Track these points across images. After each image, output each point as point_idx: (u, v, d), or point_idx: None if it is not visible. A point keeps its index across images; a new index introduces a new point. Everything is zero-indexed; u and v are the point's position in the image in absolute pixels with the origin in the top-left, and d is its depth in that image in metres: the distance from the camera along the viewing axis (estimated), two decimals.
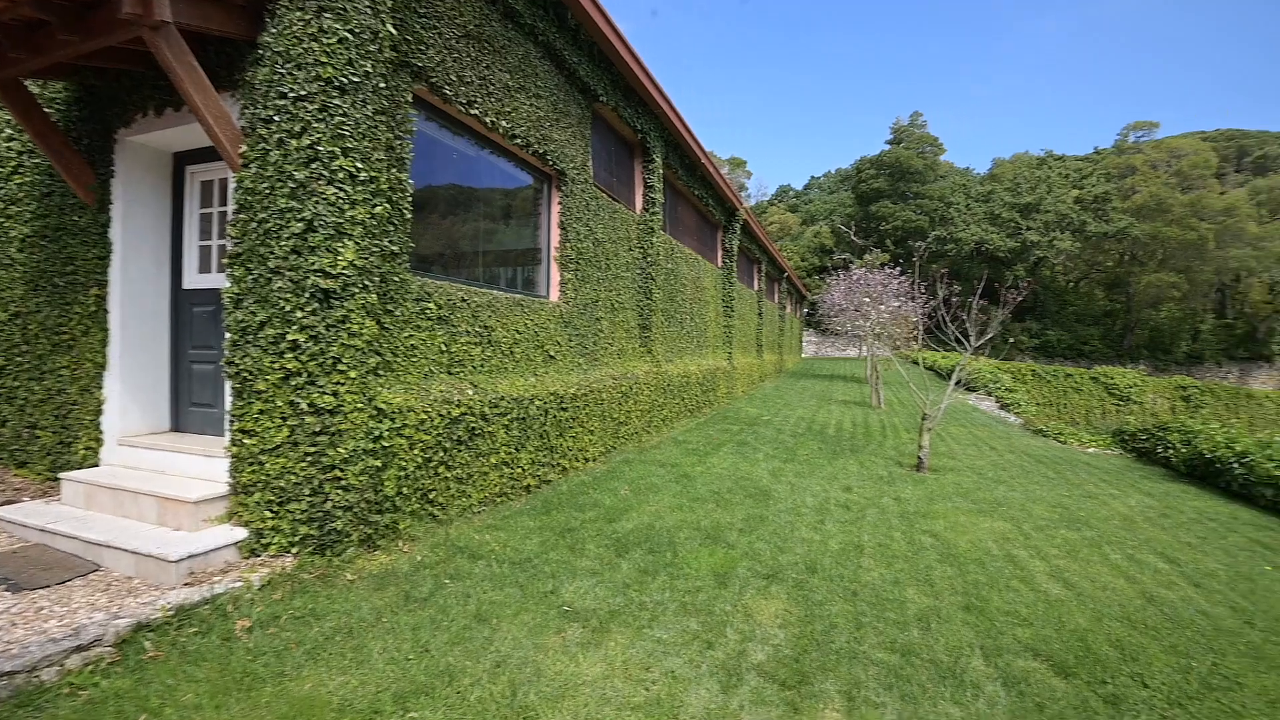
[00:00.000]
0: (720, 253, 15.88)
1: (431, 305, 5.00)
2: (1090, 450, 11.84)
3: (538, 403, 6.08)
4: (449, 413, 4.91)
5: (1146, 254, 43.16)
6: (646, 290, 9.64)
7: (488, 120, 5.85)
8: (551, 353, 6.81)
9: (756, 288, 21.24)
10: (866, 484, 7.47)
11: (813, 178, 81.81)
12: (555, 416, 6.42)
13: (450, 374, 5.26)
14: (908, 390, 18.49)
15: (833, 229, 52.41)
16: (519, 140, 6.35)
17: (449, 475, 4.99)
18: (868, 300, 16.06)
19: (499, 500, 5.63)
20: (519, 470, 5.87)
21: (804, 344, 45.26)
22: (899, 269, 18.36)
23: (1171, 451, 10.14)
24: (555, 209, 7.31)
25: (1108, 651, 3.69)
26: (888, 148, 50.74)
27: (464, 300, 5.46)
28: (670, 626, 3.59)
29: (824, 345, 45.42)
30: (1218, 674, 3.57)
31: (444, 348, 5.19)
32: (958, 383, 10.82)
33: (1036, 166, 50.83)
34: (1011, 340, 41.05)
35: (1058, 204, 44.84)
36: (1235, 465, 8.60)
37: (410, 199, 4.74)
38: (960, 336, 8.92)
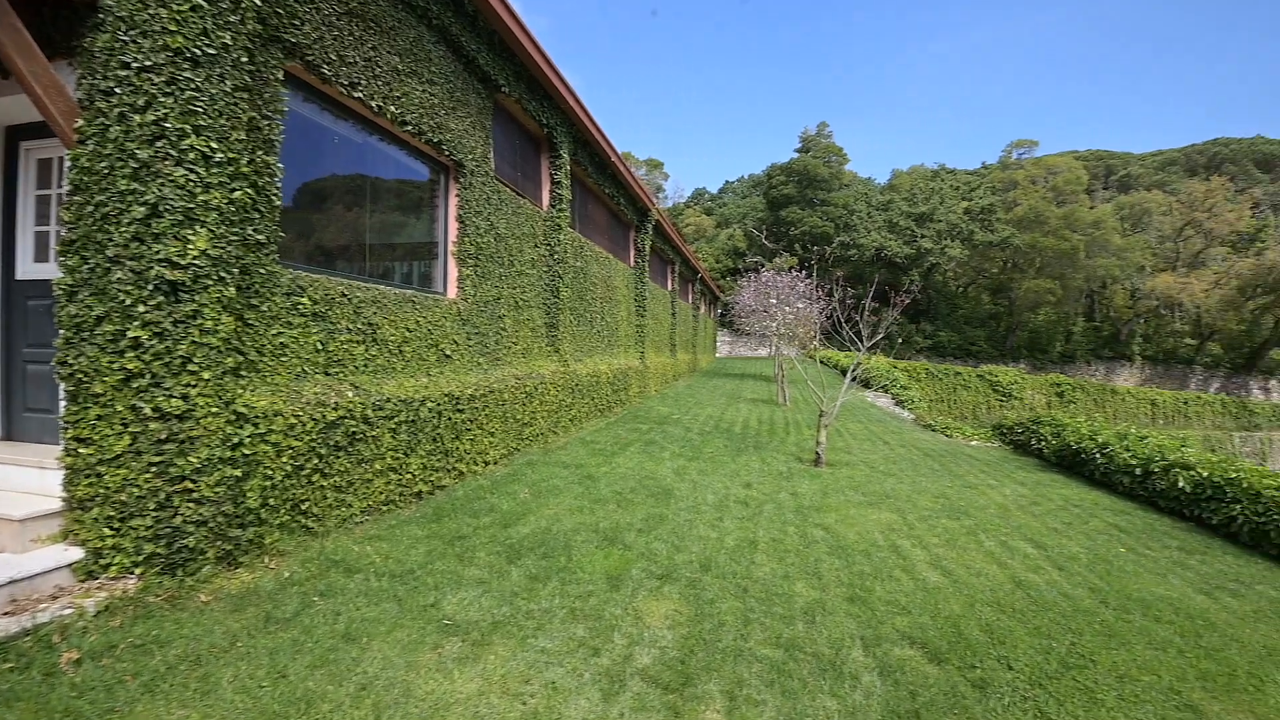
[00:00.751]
0: (633, 252, 15.89)
1: (305, 300, 4.63)
2: (974, 443, 12.67)
3: (430, 404, 5.79)
4: (324, 416, 4.57)
5: (1026, 262, 46.99)
6: (554, 288, 9.46)
7: (374, 104, 5.52)
8: (447, 351, 6.52)
9: (670, 288, 21.44)
10: (766, 480, 7.63)
11: (727, 182, 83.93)
12: (451, 419, 6.15)
13: (328, 375, 4.91)
14: (831, 390, 19.18)
15: (745, 232, 53.87)
16: (410, 127, 6.03)
17: (325, 484, 4.65)
18: (774, 302, 16.54)
19: (386, 508, 5.31)
20: (409, 476, 5.57)
21: (718, 344, 46.25)
22: (804, 272, 19.03)
23: (1043, 444, 10.99)
24: (453, 202, 7.01)
25: (978, 636, 3.88)
26: (796, 156, 52.72)
27: (345, 296, 5.11)
28: (556, 635, 3.46)
29: (738, 345, 46.57)
30: (1075, 653, 3.82)
31: (320, 346, 4.83)
32: (853, 380, 11.22)
33: (931, 178, 54.26)
34: (902, 339, 43.44)
35: (949, 214, 47.97)
36: (1097, 455, 9.41)
37: (279, 184, 4.36)
38: (854, 337, 9.29)
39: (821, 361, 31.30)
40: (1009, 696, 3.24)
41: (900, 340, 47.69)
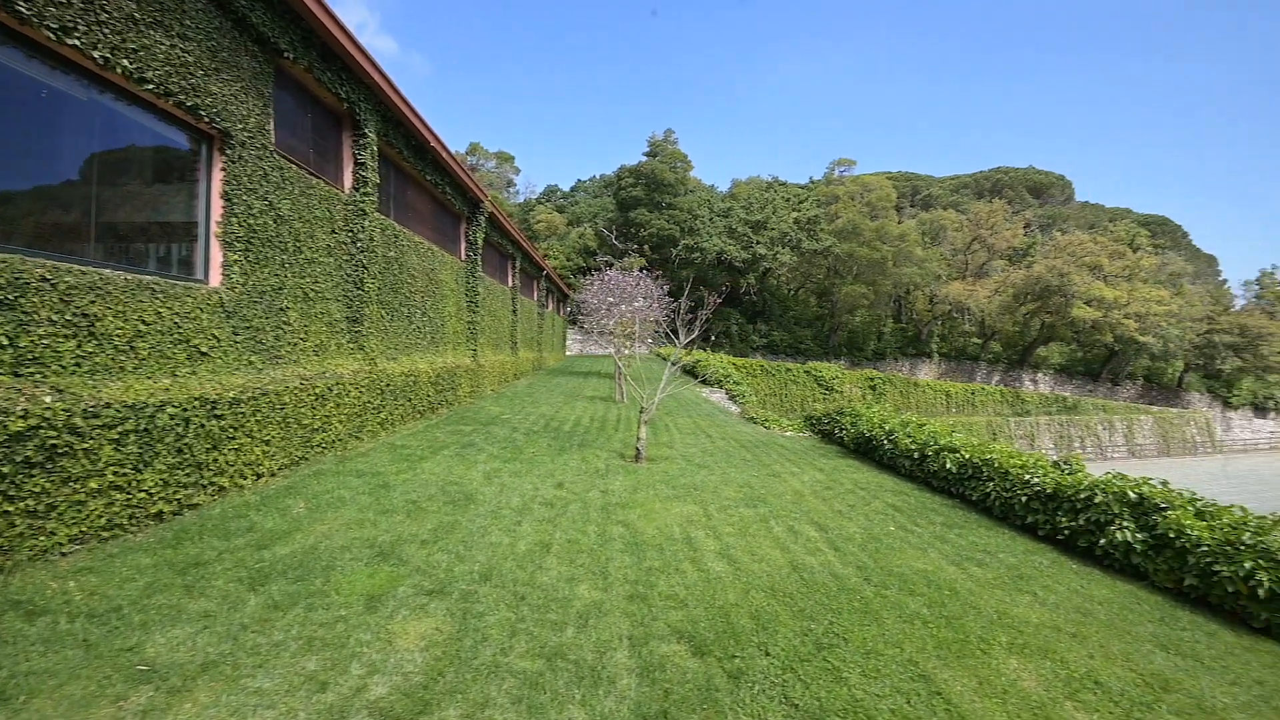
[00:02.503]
0: (464, 245, 15.18)
1: None
2: (788, 434, 13.56)
3: (172, 411, 4.95)
4: (6, 427, 3.70)
5: (845, 269, 51.88)
6: (357, 279, 8.66)
7: (98, 55, 4.61)
8: (203, 348, 5.64)
9: (511, 284, 20.86)
10: (581, 478, 7.51)
11: (579, 181, 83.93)
12: (204, 427, 5.32)
13: (18, 376, 3.99)
14: (656, 385, 19.61)
15: (596, 231, 54.21)
16: (154, 87, 5.13)
17: (11, 509, 3.77)
18: (611, 300, 16.64)
19: (109, 535, 4.45)
20: (143, 495, 4.72)
21: (569, 342, 46.09)
22: (646, 272, 19.39)
23: (844, 433, 11.99)
24: (218, 176, 6.11)
25: (745, 624, 3.98)
26: (645, 159, 53.95)
27: (46, 281, 4.20)
28: (280, 672, 3.01)
29: (589, 343, 46.70)
30: (831, 632, 4.04)
31: (6, 341, 3.92)
32: (672, 377, 11.44)
33: (766, 189, 58.07)
34: (712, 337, 45.92)
35: (781, 223, 51.60)
36: (885, 442, 10.40)
37: None
38: (671, 334, 9.48)
39: (669, 360, 32.21)
40: (760, 684, 3.31)
41: (712, 338, 50.38)
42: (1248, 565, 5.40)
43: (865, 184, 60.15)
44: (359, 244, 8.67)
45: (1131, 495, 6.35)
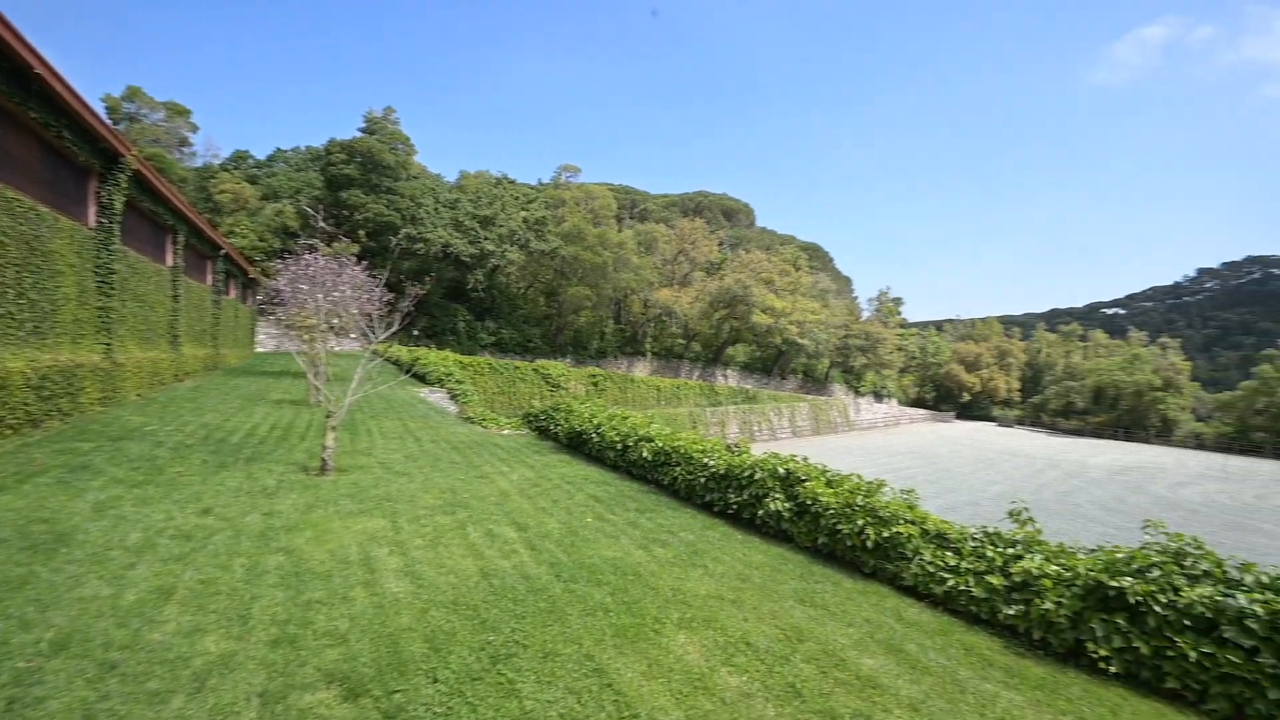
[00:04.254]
0: (94, 208, 11.87)
1: None
2: (505, 433, 13.37)
3: None
4: None
5: (571, 271, 53.93)
6: None
7: None
8: None
9: (171, 263, 17.03)
10: (240, 500, 6.26)
11: (279, 150, 72.98)
12: None
13: None
14: (366, 386, 17.60)
15: (298, 210, 47.70)
16: None
17: None
18: (305, 288, 14.55)
19: None
20: None
21: (260, 337, 39.75)
22: (359, 260, 17.44)
23: (559, 428, 12.20)
24: None
25: (417, 650, 3.58)
26: (361, 135, 49.18)
27: None
28: None
29: (286, 339, 40.83)
30: (513, 640, 3.85)
31: None
32: (365, 375, 10.50)
33: (495, 185, 57.47)
34: (415, 331, 44.74)
35: (510, 220, 51.52)
36: (594, 436, 10.79)
37: None
38: (368, 330, 8.57)
39: (365, 358, 29.63)
40: (423, 717, 2.96)
41: (468, 337, 49.11)
42: (860, 523, 6.69)
43: (590, 192, 63.24)
44: None
45: (781, 471, 7.46)
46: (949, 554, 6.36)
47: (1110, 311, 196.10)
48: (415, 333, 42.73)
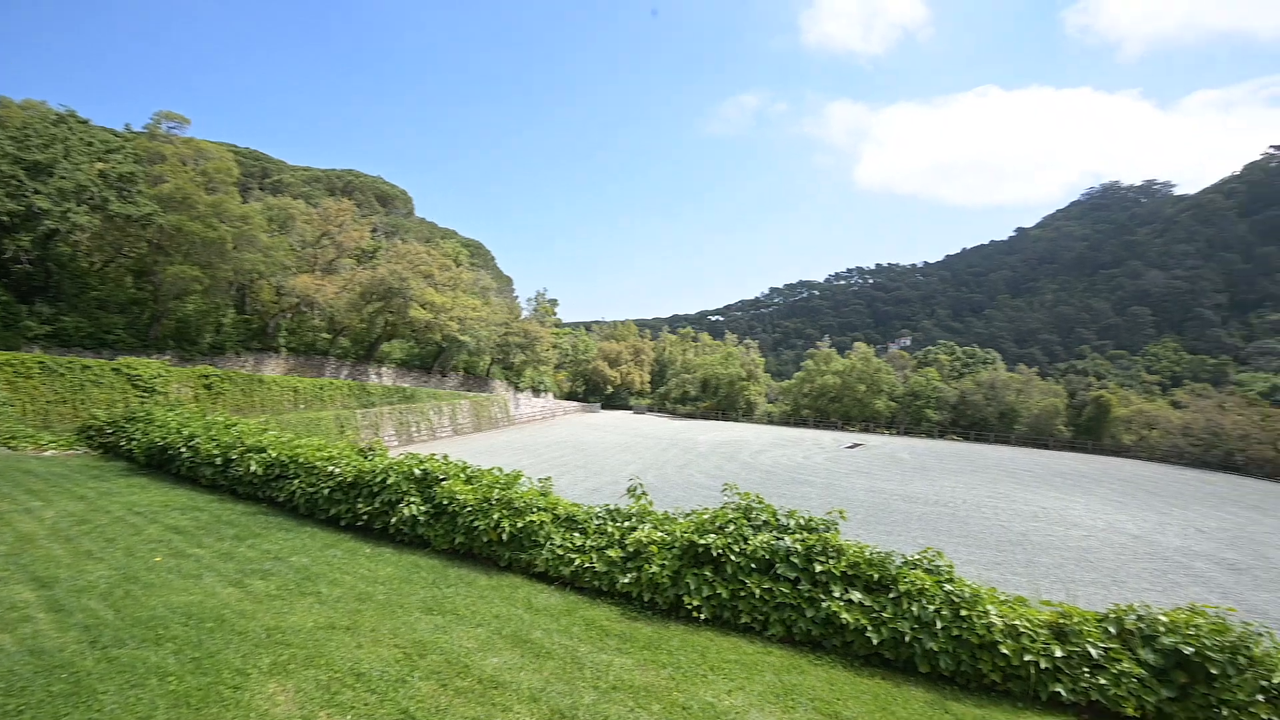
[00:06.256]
0: None
1: None
2: (49, 453, 9.97)
3: None
4: None
5: (173, 245, 43.55)
6: None
7: None
8: None
9: None
10: None
11: None
12: None
13: None
14: None
15: None
16: None
17: None
18: None
19: None
20: None
21: None
22: None
23: (134, 444, 9.56)
24: None
25: None
26: None
27: None
28: None
29: None
30: None
31: None
32: None
33: (55, 123, 42.98)
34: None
35: (77, 172, 39.27)
36: (184, 450, 8.71)
37: None
38: None
39: None
40: None
41: (5, 325, 36.16)
42: (495, 516, 6.68)
43: (202, 150, 52.24)
44: None
45: (417, 472, 7.05)
46: (577, 535, 6.79)
47: (714, 318, 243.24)
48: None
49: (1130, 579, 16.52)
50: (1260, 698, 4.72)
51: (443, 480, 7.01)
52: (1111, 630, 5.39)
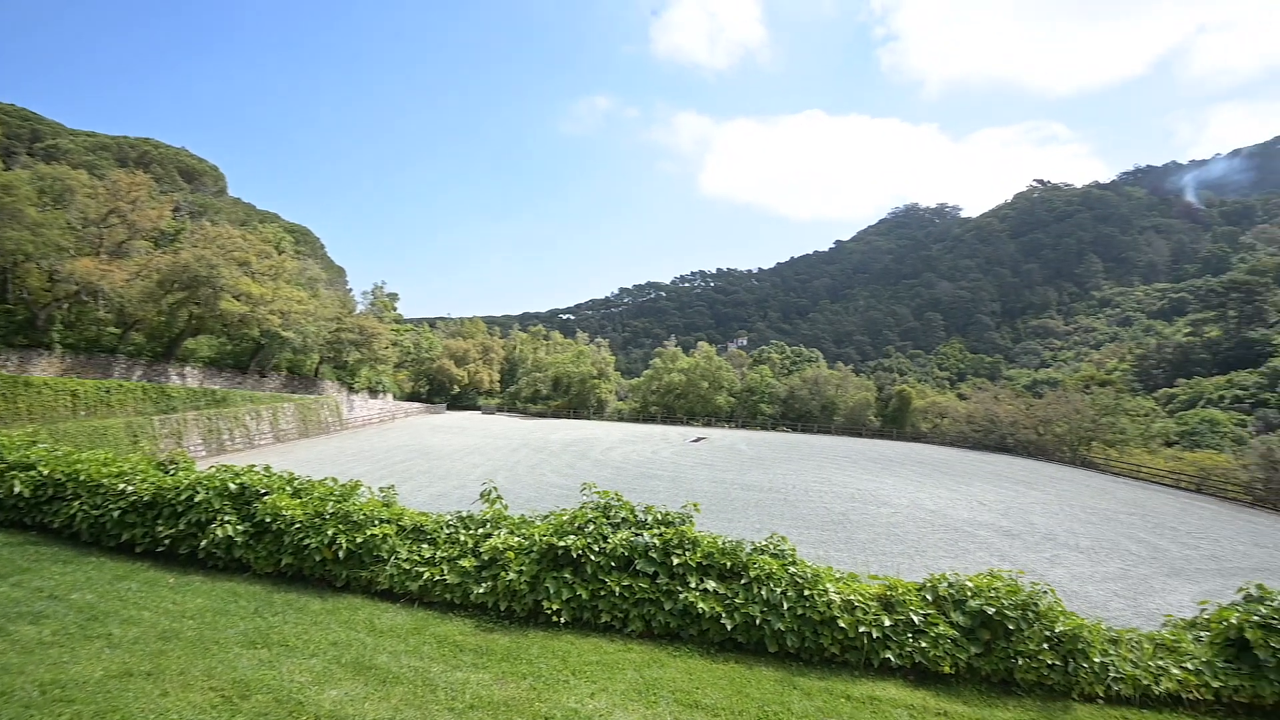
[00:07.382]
0: None
1: None
2: None
3: None
4: None
5: None
6: None
7: None
8: None
9: None
10: None
11: None
12: None
13: None
14: None
15: None
16: None
17: None
18: None
19: None
20: None
21: None
22: None
23: None
24: None
25: None
26: None
27: None
28: None
29: None
30: None
31: None
32: None
33: None
34: None
35: None
36: None
37: None
38: None
39: None
40: None
41: None
42: (330, 532, 6.05)
43: None
44: None
45: (233, 487, 6.21)
46: (425, 546, 6.36)
47: (565, 316, 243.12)
48: None
49: (929, 549, 18.93)
50: (1045, 645, 5.66)
51: (264, 495, 6.21)
52: (929, 598, 6.09)
